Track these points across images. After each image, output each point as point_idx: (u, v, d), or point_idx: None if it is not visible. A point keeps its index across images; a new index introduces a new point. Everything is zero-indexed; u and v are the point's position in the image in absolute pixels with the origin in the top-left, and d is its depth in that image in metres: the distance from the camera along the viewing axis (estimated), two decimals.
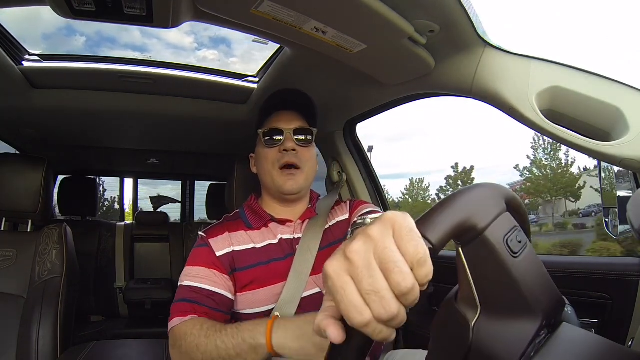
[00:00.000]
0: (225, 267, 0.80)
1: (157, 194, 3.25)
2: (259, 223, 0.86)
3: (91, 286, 2.21)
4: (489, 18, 0.75)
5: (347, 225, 0.90)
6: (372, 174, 1.44)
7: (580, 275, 0.80)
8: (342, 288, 0.27)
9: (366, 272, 0.26)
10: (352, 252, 0.27)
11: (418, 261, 0.27)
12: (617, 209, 0.68)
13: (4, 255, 1.10)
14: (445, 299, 0.35)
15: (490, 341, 0.30)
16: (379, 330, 0.27)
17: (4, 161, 1.18)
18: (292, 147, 0.84)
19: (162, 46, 29.32)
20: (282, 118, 0.88)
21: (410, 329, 1.23)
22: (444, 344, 0.33)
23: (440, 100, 1.06)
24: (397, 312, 0.26)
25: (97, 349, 1.07)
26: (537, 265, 0.35)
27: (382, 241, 0.27)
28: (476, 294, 0.31)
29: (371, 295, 0.26)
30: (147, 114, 1.40)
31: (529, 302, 0.32)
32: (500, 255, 0.32)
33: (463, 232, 0.31)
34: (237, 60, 26.91)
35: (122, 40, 25.52)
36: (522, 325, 0.31)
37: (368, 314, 0.26)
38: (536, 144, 10.25)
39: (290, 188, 0.84)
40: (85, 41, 24.75)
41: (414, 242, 0.27)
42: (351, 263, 0.27)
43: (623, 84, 0.64)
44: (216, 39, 31.10)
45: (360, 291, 0.26)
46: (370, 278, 0.26)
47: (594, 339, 0.38)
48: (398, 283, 0.26)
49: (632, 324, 0.71)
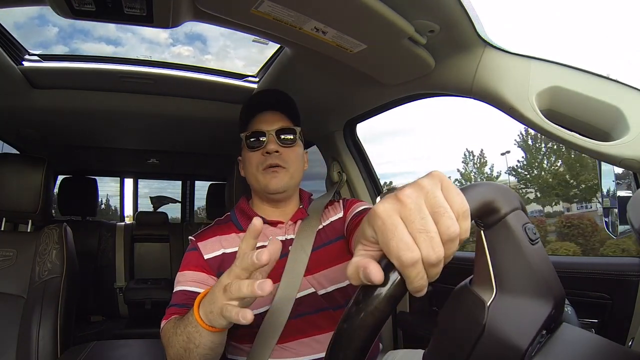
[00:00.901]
0: (213, 270, 0.79)
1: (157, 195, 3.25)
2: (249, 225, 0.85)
3: (91, 286, 2.21)
4: (489, 18, 0.75)
5: (342, 224, 0.89)
6: (372, 174, 1.44)
7: (580, 275, 0.80)
8: (394, 226, 0.28)
9: (417, 214, 0.28)
10: (405, 195, 0.28)
11: (463, 213, 0.29)
12: (617, 209, 0.68)
13: (4, 255, 1.10)
14: (457, 287, 0.35)
15: (504, 322, 0.31)
16: (421, 274, 0.27)
17: (4, 161, 1.18)
18: (274, 149, 0.83)
19: (137, 40, 29.20)
20: (264, 119, 0.87)
21: (410, 329, 1.23)
22: (456, 326, 0.33)
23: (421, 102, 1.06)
24: (442, 258, 0.28)
25: (97, 349, 1.07)
26: (547, 258, 0.36)
27: (433, 190, 0.29)
28: (493, 276, 0.32)
29: (422, 235, 0.27)
30: (147, 114, 1.40)
31: (542, 287, 0.34)
32: (519, 240, 0.33)
33: (489, 212, 0.33)
34: (211, 57, 26.85)
35: (96, 32, 25.29)
36: (535, 309, 0.33)
37: (417, 252, 0.27)
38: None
39: (275, 186, 0.83)
40: (57, 32, 24.56)
41: (460, 196, 0.29)
42: (403, 205, 0.28)
43: (623, 84, 0.64)
44: (191, 35, 30.97)
45: (410, 231, 0.27)
46: (422, 219, 0.27)
47: (594, 339, 0.38)
48: (447, 227, 0.27)
49: (632, 324, 0.71)
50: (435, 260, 0.27)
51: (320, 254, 0.83)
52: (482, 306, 0.32)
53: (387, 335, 1.28)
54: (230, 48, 22.34)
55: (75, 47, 39.23)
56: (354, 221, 0.85)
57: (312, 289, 0.80)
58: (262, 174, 0.84)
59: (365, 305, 0.29)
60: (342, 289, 0.81)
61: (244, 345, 0.79)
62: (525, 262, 0.33)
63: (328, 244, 0.85)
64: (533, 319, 0.32)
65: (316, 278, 0.81)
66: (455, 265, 0.40)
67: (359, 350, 0.29)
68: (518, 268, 0.33)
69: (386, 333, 1.28)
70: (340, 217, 0.91)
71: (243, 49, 4.20)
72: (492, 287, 0.32)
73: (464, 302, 0.33)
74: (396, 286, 0.28)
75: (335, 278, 0.82)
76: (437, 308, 1.23)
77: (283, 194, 0.86)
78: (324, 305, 0.80)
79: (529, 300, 0.33)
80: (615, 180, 0.69)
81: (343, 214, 0.92)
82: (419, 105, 1.27)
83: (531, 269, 0.33)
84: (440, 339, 0.34)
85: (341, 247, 0.85)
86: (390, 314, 0.30)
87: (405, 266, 0.27)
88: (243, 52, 3.44)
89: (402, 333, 1.26)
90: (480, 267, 0.33)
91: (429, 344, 0.36)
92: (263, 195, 0.88)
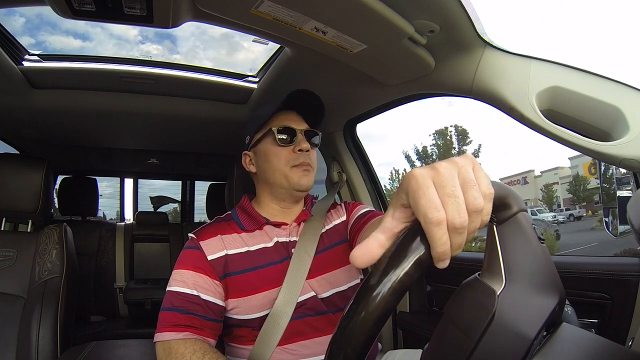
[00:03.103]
0: (217, 272, 0.77)
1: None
2: (253, 226, 0.84)
3: (91, 286, 2.21)
4: (489, 18, 0.75)
5: (344, 227, 0.89)
6: (372, 174, 1.44)
7: (580, 275, 0.79)
8: (426, 186, 0.30)
9: (450, 181, 0.30)
10: (440, 165, 0.31)
11: (489, 195, 0.31)
12: (617, 209, 0.68)
13: (4, 255, 1.10)
14: (466, 280, 0.36)
15: (512, 311, 0.32)
16: (445, 238, 0.29)
17: (4, 161, 1.18)
18: (307, 147, 0.84)
19: (105, 36, 29.23)
20: (293, 118, 0.87)
21: (410, 329, 1.23)
22: (464, 314, 0.33)
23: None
24: (466, 225, 0.30)
25: (97, 349, 1.07)
26: (551, 258, 0.37)
27: (465, 166, 0.31)
28: (503, 268, 0.34)
29: (450, 199, 0.29)
30: (148, 114, 1.40)
31: (549, 282, 0.35)
32: (530, 237, 0.35)
33: (503, 207, 0.35)
34: (180, 57, 26.93)
35: (64, 26, 25.39)
36: (542, 301, 0.34)
37: (444, 213, 0.29)
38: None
39: (307, 184, 0.84)
40: (24, 22, 24.53)
41: (487, 179, 0.32)
42: (437, 172, 0.31)
43: (623, 84, 0.64)
44: (161, 34, 31.12)
45: (440, 195, 0.30)
46: (453, 186, 0.30)
47: (594, 339, 0.38)
48: (475, 198, 0.30)
49: (632, 324, 0.71)
50: (460, 225, 0.29)
51: (322, 258, 0.82)
52: (492, 295, 0.32)
53: (387, 336, 1.28)
54: (199, 49, 22.35)
55: (42, 39, 39.01)
56: (357, 224, 0.85)
57: (312, 293, 0.79)
58: (293, 171, 0.83)
59: (392, 276, 0.30)
60: (342, 292, 0.81)
61: (245, 347, 0.79)
62: (535, 257, 0.35)
63: (330, 247, 0.85)
64: (540, 309, 0.33)
65: (317, 281, 0.80)
66: (455, 265, 0.40)
67: (385, 311, 0.30)
68: (527, 262, 0.34)
69: (386, 333, 1.28)
70: (343, 221, 0.91)
71: (212, 50, 4.16)
72: (501, 278, 0.33)
73: (474, 291, 0.34)
74: (421, 252, 0.30)
75: (336, 282, 0.81)
76: (437, 308, 1.23)
77: (306, 192, 0.88)
78: (323, 308, 0.79)
79: (537, 293, 0.34)
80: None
81: (346, 217, 0.92)
82: (397, 110, 1.28)
83: (539, 264, 0.35)
84: (447, 328, 0.34)
85: (343, 251, 0.85)
86: (417, 278, 0.31)
87: (431, 223, 0.29)
88: (212, 53, 3.40)
89: (402, 333, 1.26)
90: (490, 260, 0.35)
91: (431, 337, 0.36)
92: (284, 193, 0.86)
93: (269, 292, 0.77)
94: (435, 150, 14.19)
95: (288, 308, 0.76)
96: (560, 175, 11.38)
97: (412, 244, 0.30)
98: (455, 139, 14.52)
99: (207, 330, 0.74)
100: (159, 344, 0.72)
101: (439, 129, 14.81)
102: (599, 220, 8.62)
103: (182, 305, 0.73)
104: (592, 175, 9.88)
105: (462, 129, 14.53)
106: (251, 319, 0.77)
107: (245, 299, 0.77)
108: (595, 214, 9.45)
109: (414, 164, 14.09)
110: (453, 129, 14.45)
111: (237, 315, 0.78)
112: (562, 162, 11.74)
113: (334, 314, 0.80)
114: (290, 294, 0.77)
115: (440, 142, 14.45)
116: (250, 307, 0.77)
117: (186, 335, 0.71)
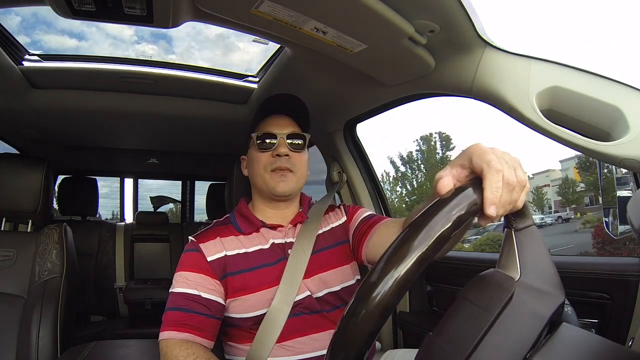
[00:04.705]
0: (217, 272, 0.79)
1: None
2: (250, 229, 0.86)
3: (91, 286, 2.21)
4: (489, 18, 0.75)
5: (343, 230, 0.90)
6: (372, 174, 1.44)
7: (580, 275, 0.80)
8: (491, 151, 0.39)
9: (506, 156, 0.39)
10: (494, 148, 0.40)
11: (525, 185, 0.40)
12: (617, 209, 0.68)
13: (4, 255, 1.10)
14: (484, 272, 0.39)
15: (529, 295, 0.36)
16: (500, 184, 0.37)
17: (4, 161, 1.18)
18: (285, 152, 0.84)
19: (101, 36, 29.25)
20: (276, 122, 0.88)
21: (410, 329, 1.23)
22: (483, 294, 0.36)
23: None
24: (516, 186, 0.38)
25: (97, 349, 1.07)
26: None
27: (512, 157, 0.40)
28: (519, 265, 0.38)
29: (506, 165, 0.38)
30: (148, 114, 1.41)
31: (556, 281, 0.40)
32: (541, 244, 0.41)
33: (522, 214, 0.41)
34: (176, 57, 26.93)
35: (59, 25, 25.42)
36: (552, 292, 0.38)
37: (502, 169, 0.37)
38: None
39: (283, 190, 0.84)
40: (20, 21, 24.49)
41: (525, 173, 0.40)
42: (495, 149, 0.40)
43: (623, 84, 0.64)
44: (157, 34, 31.10)
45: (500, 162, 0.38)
46: (508, 160, 0.39)
47: (594, 339, 0.38)
48: (523, 174, 0.39)
49: (632, 324, 0.71)
50: (513, 182, 0.38)
51: (318, 258, 0.83)
52: (511, 280, 0.37)
53: (386, 335, 1.28)
54: (195, 50, 22.39)
55: (37, 38, 39.03)
56: (362, 226, 0.86)
57: (307, 292, 0.80)
58: (270, 175, 0.84)
59: (438, 228, 0.33)
60: (335, 292, 0.82)
61: (243, 345, 0.80)
62: (546, 259, 0.40)
63: (326, 248, 0.86)
64: (553, 298, 0.38)
65: (312, 281, 0.82)
66: (455, 266, 0.40)
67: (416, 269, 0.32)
68: (540, 262, 0.40)
69: (386, 333, 1.28)
70: (341, 224, 0.91)
71: (207, 50, 4.17)
72: (517, 270, 0.38)
73: (493, 277, 0.38)
74: (472, 202, 0.35)
75: (330, 282, 0.83)
76: (437, 308, 1.23)
77: (287, 197, 0.87)
78: (317, 307, 0.81)
79: (547, 286, 0.38)
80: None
81: (346, 220, 0.92)
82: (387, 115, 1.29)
83: (550, 265, 0.40)
84: (463, 307, 0.36)
85: (340, 252, 0.86)
86: (470, 225, 0.38)
87: (493, 168, 0.37)
88: (207, 53, 3.40)
89: (402, 333, 1.26)
90: (507, 258, 0.39)
91: (442, 318, 0.37)
92: (267, 196, 0.88)
93: (266, 292, 0.79)
94: (419, 155, 14.37)
95: (285, 307, 0.77)
96: (551, 178, 11.47)
97: (466, 191, 0.36)
98: (439, 144, 14.63)
99: (207, 331, 0.76)
100: (161, 342, 0.74)
101: (423, 135, 14.98)
102: (582, 222, 8.79)
103: (184, 304, 0.75)
104: (581, 178, 10.03)
105: (446, 135, 14.62)
106: (249, 318, 0.79)
107: (243, 298, 0.79)
108: (582, 215, 9.55)
109: (398, 169, 14.44)
110: (437, 135, 14.57)
111: (235, 314, 0.79)
112: (553, 165, 11.96)
113: (329, 313, 0.81)
114: (287, 293, 0.78)
115: (424, 147, 14.61)
116: (248, 306, 0.79)
117: (186, 336, 0.73)
